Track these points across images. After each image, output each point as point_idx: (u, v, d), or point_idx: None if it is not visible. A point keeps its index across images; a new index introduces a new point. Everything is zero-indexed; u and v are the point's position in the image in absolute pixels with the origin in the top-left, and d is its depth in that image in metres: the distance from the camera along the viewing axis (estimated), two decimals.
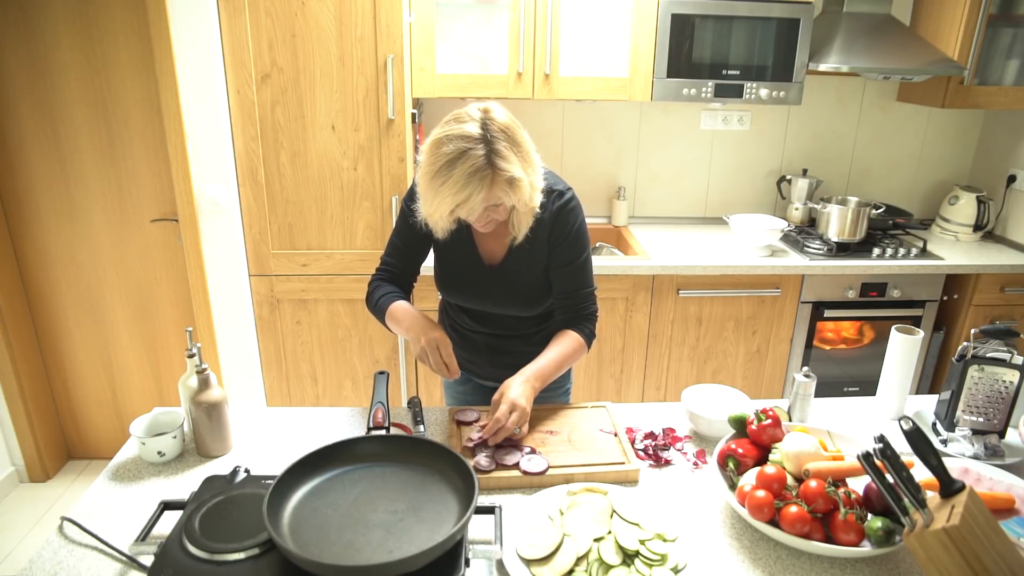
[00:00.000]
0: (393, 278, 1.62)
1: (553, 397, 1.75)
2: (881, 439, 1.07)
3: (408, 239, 1.58)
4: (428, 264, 1.64)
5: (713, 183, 3.13)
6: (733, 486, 1.23)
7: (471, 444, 1.37)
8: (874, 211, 2.82)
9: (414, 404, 1.54)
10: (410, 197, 1.54)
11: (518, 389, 1.38)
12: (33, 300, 2.69)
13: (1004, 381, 1.43)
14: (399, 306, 1.53)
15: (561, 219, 1.50)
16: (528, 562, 1.08)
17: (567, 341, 1.52)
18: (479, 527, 1.15)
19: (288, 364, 2.61)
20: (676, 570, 1.06)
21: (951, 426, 1.47)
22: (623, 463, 1.34)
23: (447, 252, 1.58)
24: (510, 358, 1.59)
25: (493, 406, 1.38)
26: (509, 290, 1.56)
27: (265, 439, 1.44)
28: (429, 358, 1.43)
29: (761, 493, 1.13)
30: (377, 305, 1.56)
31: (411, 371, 2.65)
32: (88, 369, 2.79)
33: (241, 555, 1.01)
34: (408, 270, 1.63)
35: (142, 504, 1.23)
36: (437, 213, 1.34)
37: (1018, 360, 1.42)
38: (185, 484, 1.29)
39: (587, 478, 1.30)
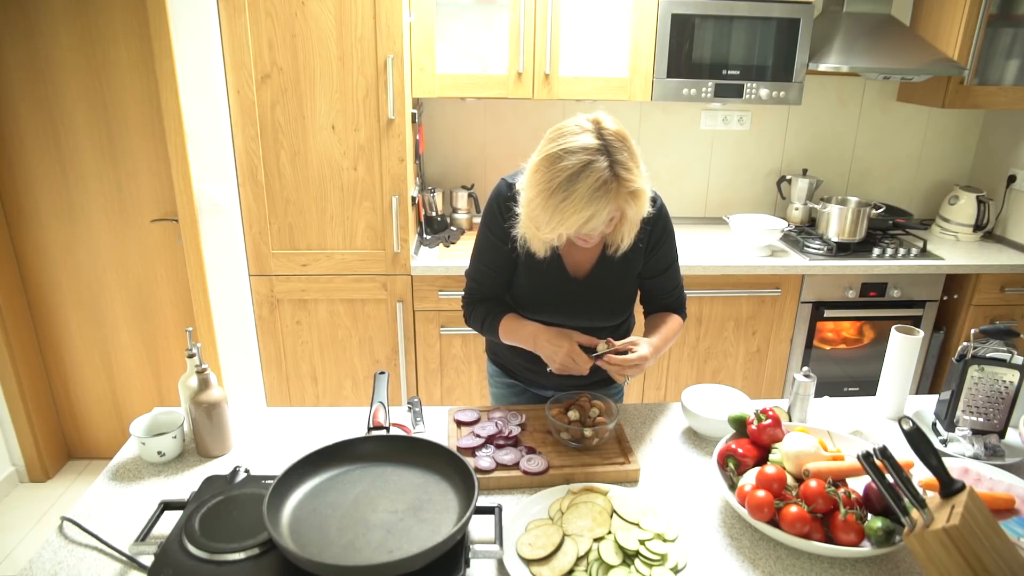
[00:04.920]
0: (485, 298, 1.58)
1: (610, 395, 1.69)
2: (880, 451, 1.07)
3: (493, 260, 1.52)
4: (431, 265, 1.62)
5: (713, 183, 3.14)
6: (733, 486, 1.23)
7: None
8: (874, 211, 2.82)
9: (414, 404, 1.54)
10: (490, 219, 1.48)
11: (648, 348, 1.40)
12: (33, 300, 2.69)
13: (1004, 381, 1.43)
14: (507, 328, 1.51)
15: (660, 225, 1.48)
16: (528, 562, 1.08)
17: (670, 322, 1.55)
18: (479, 527, 1.15)
19: (288, 364, 2.61)
20: (676, 570, 1.07)
21: (951, 426, 1.47)
22: (623, 463, 1.34)
23: (530, 269, 1.49)
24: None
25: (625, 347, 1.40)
26: (596, 302, 1.52)
27: (265, 439, 1.44)
28: (573, 369, 1.41)
29: (761, 493, 1.13)
30: (485, 325, 1.55)
31: (411, 371, 2.65)
32: (88, 369, 2.79)
33: (241, 555, 1.02)
34: (499, 292, 1.57)
35: (142, 504, 1.23)
36: (555, 232, 1.25)
37: (1018, 360, 1.42)
38: (185, 484, 1.29)
39: (587, 478, 1.30)
